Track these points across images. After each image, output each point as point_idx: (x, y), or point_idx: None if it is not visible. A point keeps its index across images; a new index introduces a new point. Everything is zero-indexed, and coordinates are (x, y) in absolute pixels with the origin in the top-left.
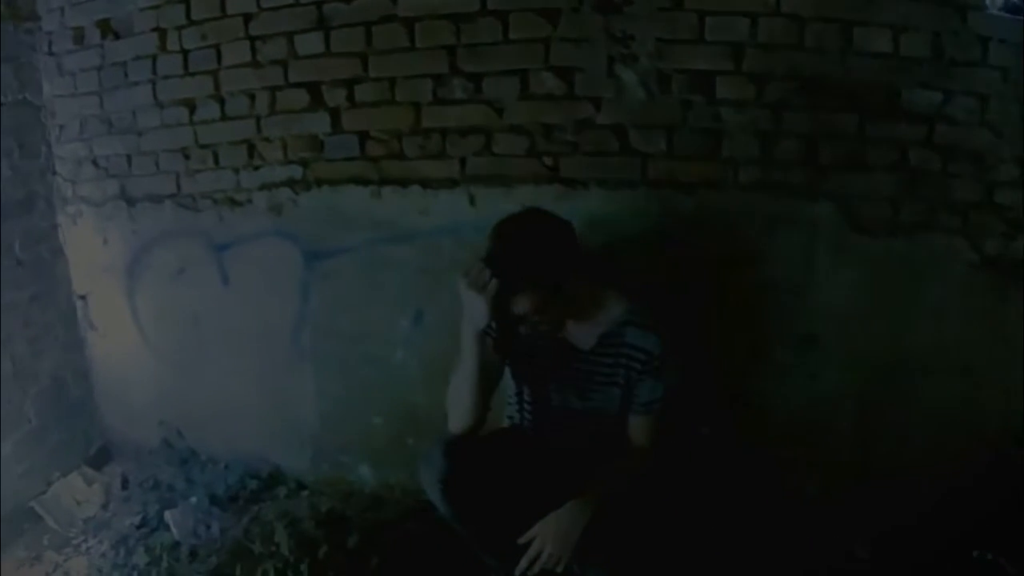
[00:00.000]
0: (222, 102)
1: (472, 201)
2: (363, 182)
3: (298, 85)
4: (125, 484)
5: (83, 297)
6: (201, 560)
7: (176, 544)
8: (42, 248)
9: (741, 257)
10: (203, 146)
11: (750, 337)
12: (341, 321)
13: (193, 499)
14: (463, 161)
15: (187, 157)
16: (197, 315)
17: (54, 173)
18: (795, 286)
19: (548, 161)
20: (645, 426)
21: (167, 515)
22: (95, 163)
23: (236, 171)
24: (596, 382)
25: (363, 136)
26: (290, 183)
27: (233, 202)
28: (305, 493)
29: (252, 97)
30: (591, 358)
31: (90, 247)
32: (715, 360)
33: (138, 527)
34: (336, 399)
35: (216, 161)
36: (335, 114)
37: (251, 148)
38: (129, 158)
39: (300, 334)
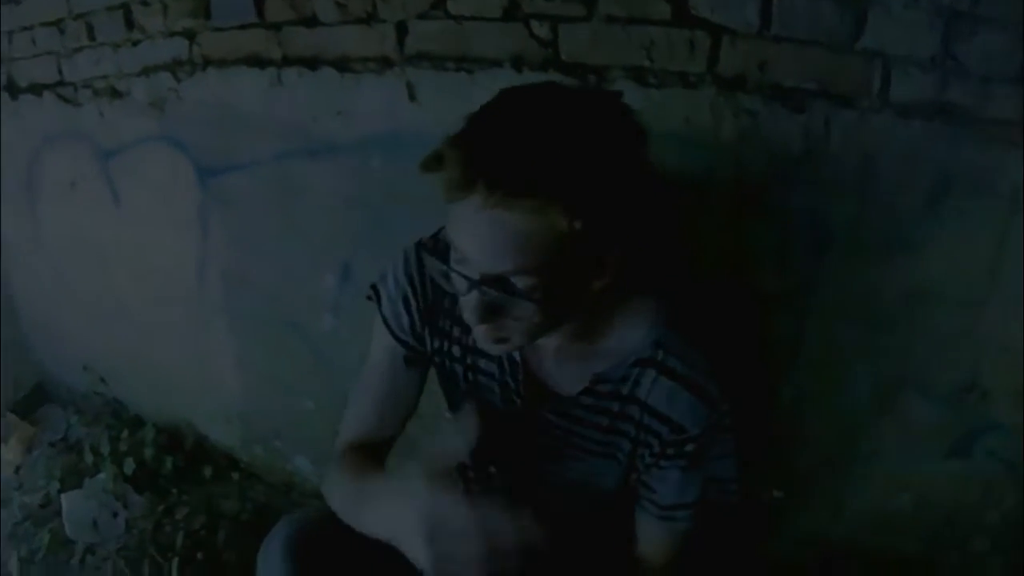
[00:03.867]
0: None
1: (412, 94)
2: (259, 63)
3: None
4: (39, 444)
5: None
6: (89, 570)
7: (68, 542)
8: None
9: (879, 234)
10: (77, 16)
11: (875, 372)
12: (251, 268)
13: (101, 475)
14: (401, 28)
15: (62, 32)
16: (98, 242)
17: None
18: (967, 298)
19: (540, 31)
20: (665, 538)
21: (63, 500)
22: None
23: (115, 48)
24: (578, 447)
25: None
26: (173, 66)
27: (114, 92)
28: (236, 476)
29: None
30: (574, 411)
31: None
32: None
33: (41, 506)
34: (259, 372)
35: (92, 36)
36: None
37: (128, 16)
38: (11, 36)
39: (206, 279)
